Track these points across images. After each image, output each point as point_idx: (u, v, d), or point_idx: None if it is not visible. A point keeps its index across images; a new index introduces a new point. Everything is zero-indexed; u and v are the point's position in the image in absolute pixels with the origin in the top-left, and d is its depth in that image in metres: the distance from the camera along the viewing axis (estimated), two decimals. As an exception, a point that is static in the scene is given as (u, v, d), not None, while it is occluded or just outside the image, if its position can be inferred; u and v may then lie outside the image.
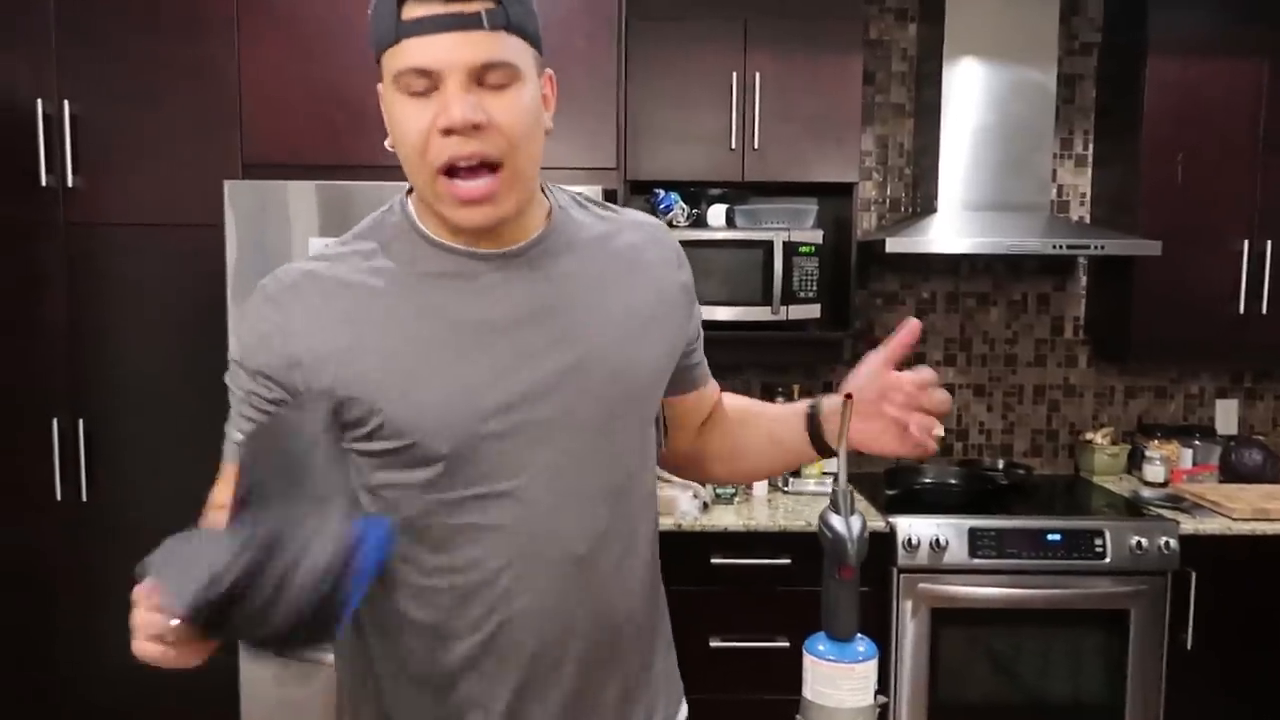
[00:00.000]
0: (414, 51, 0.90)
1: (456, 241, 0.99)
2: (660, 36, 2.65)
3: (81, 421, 2.44)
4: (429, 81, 0.91)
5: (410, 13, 0.90)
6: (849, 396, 1.03)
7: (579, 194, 1.12)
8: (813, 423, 1.14)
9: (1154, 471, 2.92)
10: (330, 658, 1.12)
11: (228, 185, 2.22)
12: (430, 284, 0.99)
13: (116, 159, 2.40)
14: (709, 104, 2.69)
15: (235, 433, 1.05)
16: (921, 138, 3.02)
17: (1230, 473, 2.95)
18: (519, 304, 0.99)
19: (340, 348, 0.97)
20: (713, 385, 1.25)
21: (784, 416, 1.19)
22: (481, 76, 0.91)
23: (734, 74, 2.66)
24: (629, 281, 1.07)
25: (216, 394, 2.18)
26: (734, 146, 2.69)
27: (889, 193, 3.14)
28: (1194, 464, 2.99)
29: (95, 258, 2.42)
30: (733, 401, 1.27)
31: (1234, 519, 2.55)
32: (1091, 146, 3.13)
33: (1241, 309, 2.81)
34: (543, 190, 1.06)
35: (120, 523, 2.47)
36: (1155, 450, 2.96)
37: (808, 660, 0.97)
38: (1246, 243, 2.79)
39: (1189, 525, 2.53)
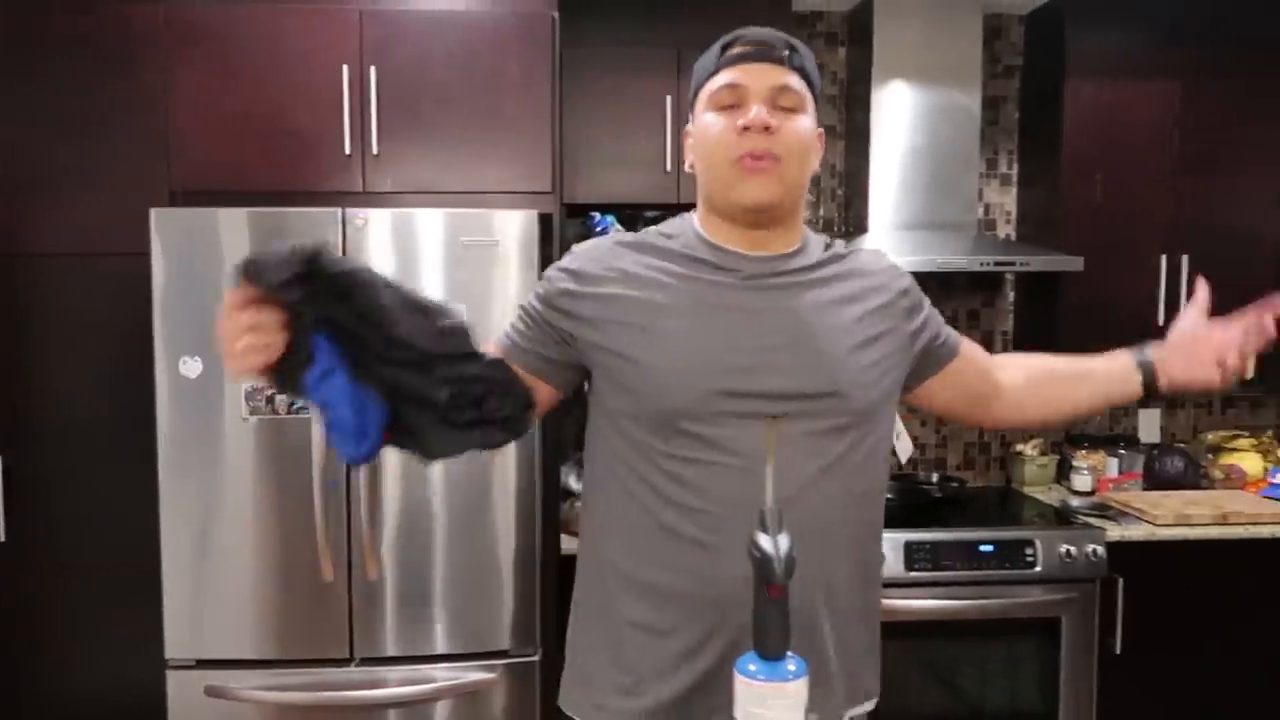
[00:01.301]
0: (730, 75, 1.19)
1: (727, 244, 1.23)
2: (595, 63, 2.67)
3: (1, 458, 2.36)
4: (736, 97, 1.18)
5: (730, 52, 1.20)
6: (774, 416, 1.06)
7: (824, 238, 1.33)
8: (1146, 371, 1.36)
9: (1082, 481, 3.00)
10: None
11: (154, 213, 2.17)
12: (699, 270, 1.22)
13: (40, 187, 2.33)
14: (644, 128, 2.71)
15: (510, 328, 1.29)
16: (852, 159, 3.08)
17: (1154, 480, 3.04)
18: (761, 296, 1.21)
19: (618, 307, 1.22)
20: (967, 352, 1.41)
21: (1106, 372, 1.39)
22: (776, 99, 1.18)
23: (668, 98, 2.69)
24: (870, 301, 1.26)
25: (143, 426, 2.18)
26: (669, 169, 2.71)
27: (822, 213, 3.20)
28: (1120, 472, 3.08)
29: (18, 289, 2.35)
30: (1039, 360, 1.45)
31: (1158, 525, 2.63)
32: (1016, 166, 3.22)
33: (1161, 321, 2.91)
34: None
35: (44, 562, 2.39)
36: (1082, 460, 3.05)
37: (738, 680, 0.98)
38: (1164, 257, 2.89)
39: (1115, 532, 2.60)
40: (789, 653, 0.98)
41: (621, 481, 1.23)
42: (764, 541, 0.98)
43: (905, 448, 2.81)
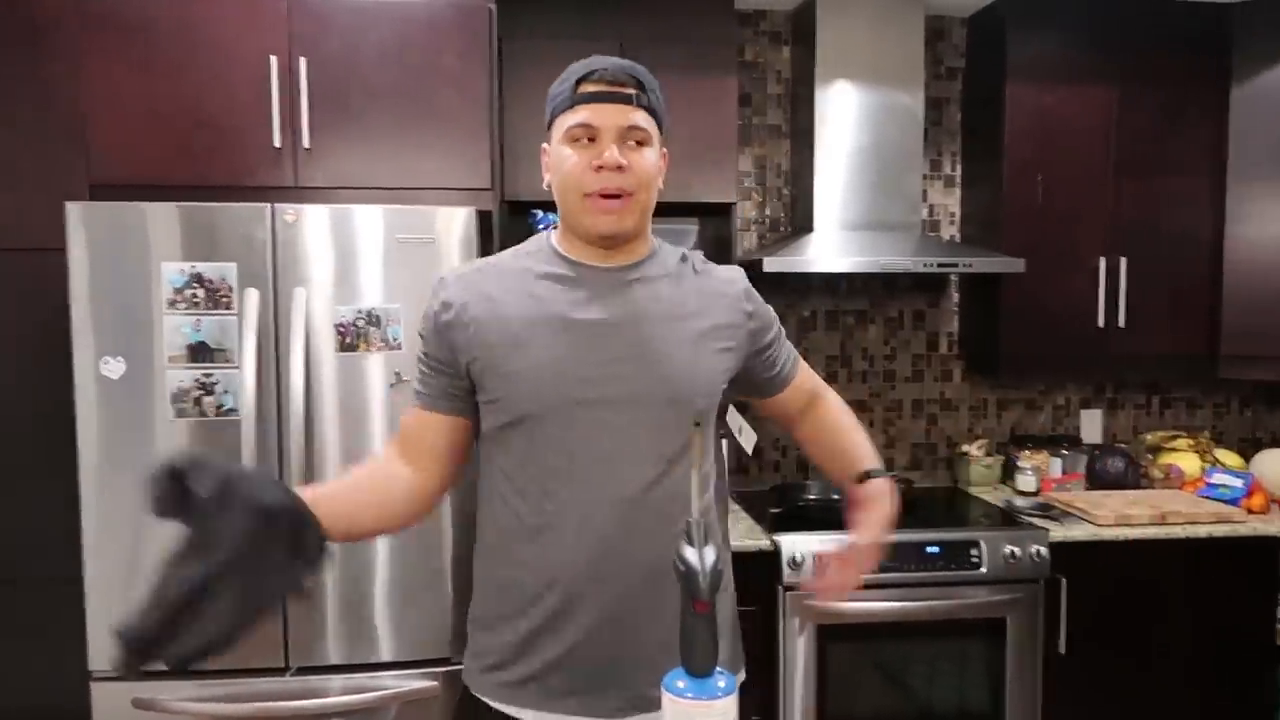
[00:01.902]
0: (584, 113, 1.28)
1: (578, 256, 1.36)
2: (534, 57, 2.62)
3: (-90, 464, 2.25)
4: (589, 134, 1.29)
5: (584, 89, 1.29)
6: (698, 423, 1.04)
7: (685, 250, 1.44)
8: (859, 481, 1.54)
9: (1026, 481, 3.02)
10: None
11: (71, 207, 2.08)
12: (555, 286, 1.34)
13: (-52, 180, 2.23)
14: (587, 124, 2.66)
15: (417, 382, 1.41)
16: (797, 158, 3.07)
17: (1096, 480, 3.07)
18: (608, 310, 1.32)
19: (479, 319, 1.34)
20: (797, 384, 1.56)
21: (851, 461, 1.57)
22: (626, 136, 1.29)
23: (611, 95, 2.65)
24: (706, 305, 1.39)
25: (59, 424, 2.08)
26: (613, 167, 2.67)
27: (768, 212, 3.18)
28: (1063, 473, 3.10)
29: (-75, 286, 2.24)
30: (836, 416, 1.60)
31: (1100, 525, 2.65)
32: (959, 167, 3.24)
33: (1101, 322, 2.94)
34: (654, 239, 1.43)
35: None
36: (1026, 460, 3.07)
37: (666, 699, 0.94)
38: (1103, 259, 2.93)
39: (1058, 533, 2.62)
40: (718, 669, 0.95)
41: (495, 484, 1.37)
42: (689, 555, 0.94)
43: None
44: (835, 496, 2.95)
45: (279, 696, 2.15)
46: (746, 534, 2.57)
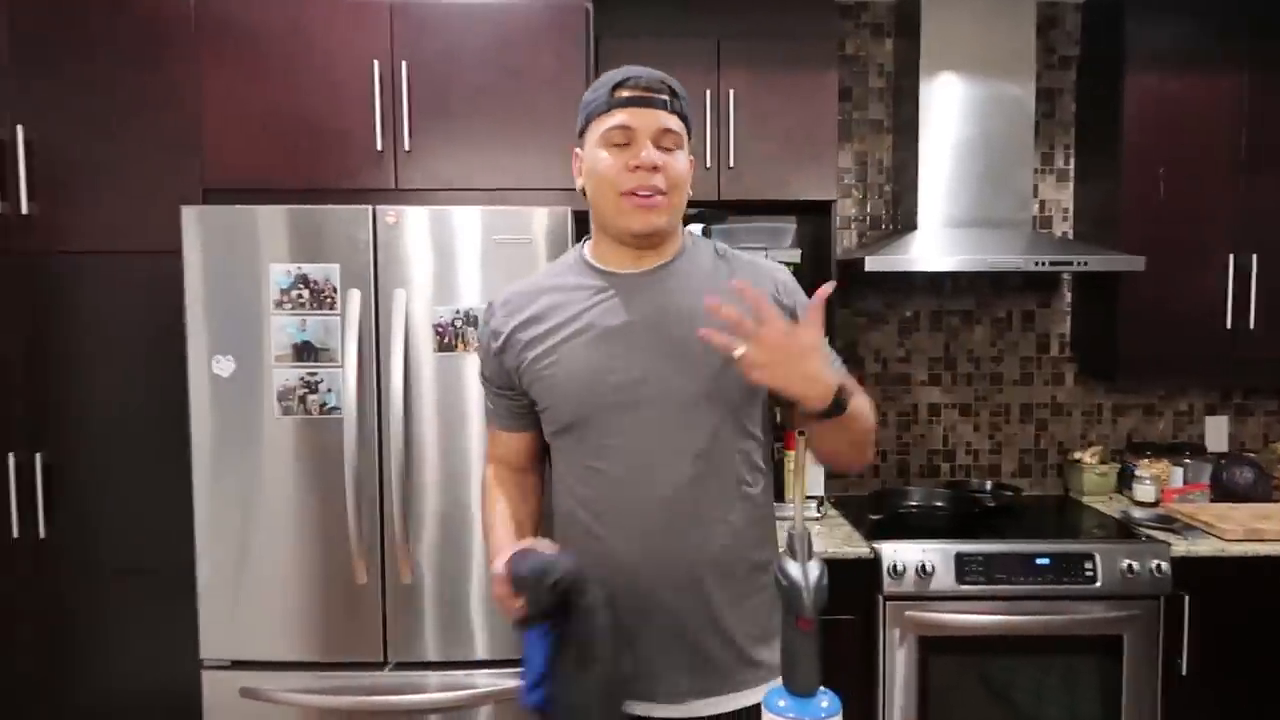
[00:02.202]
0: (621, 116, 1.34)
1: (608, 265, 1.42)
2: (630, 55, 2.56)
3: (39, 455, 2.36)
4: (626, 137, 1.34)
5: (620, 94, 1.35)
6: (802, 432, 0.99)
7: (718, 244, 1.48)
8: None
9: (1144, 491, 2.86)
10: None
11: (187, 211, 2.15)
12: (587, 297, 1.41)
13: (73, 185, 2.34)
14: (683, 123, 2.64)
15: (487, 403, 1.56)
16: (900, 154, 2.97)
17: (1221, 491, 2.89)
18: (638, 313, 1.38)
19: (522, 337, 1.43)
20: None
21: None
22: (660, 140, 1.35)
23: (707, 92, 2.62)
24: (737, 300, 1.32)
25: (178, 423, 2.16)
26: (709, 165, 2.64)
27: (869, 210, 3.09)
28: (1185, 483, 2.93)
29: (52, 286, 2.36)
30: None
31: (1227, 540, 2.49)
32: (1072, 161, 3.09)
33: (1229, 324, 2.77)
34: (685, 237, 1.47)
35: (82, 558, 2.39)
36: (1145, 469, 2.90)
37: (766, 718, 0.90)
38: (1231, 257, 2.75)
39: (1181, 547, 2.47)
40: (821, 688, 0.90)
41: (558, 484, 1.47)
42: (792, 569, 0.89)
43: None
44: (939, 504, 2.86)
45: (378, 691, 2.19)
46: (845, 541, 2.50)
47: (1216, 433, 3.14)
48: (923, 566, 2.40)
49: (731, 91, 2.63)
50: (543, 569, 1.23)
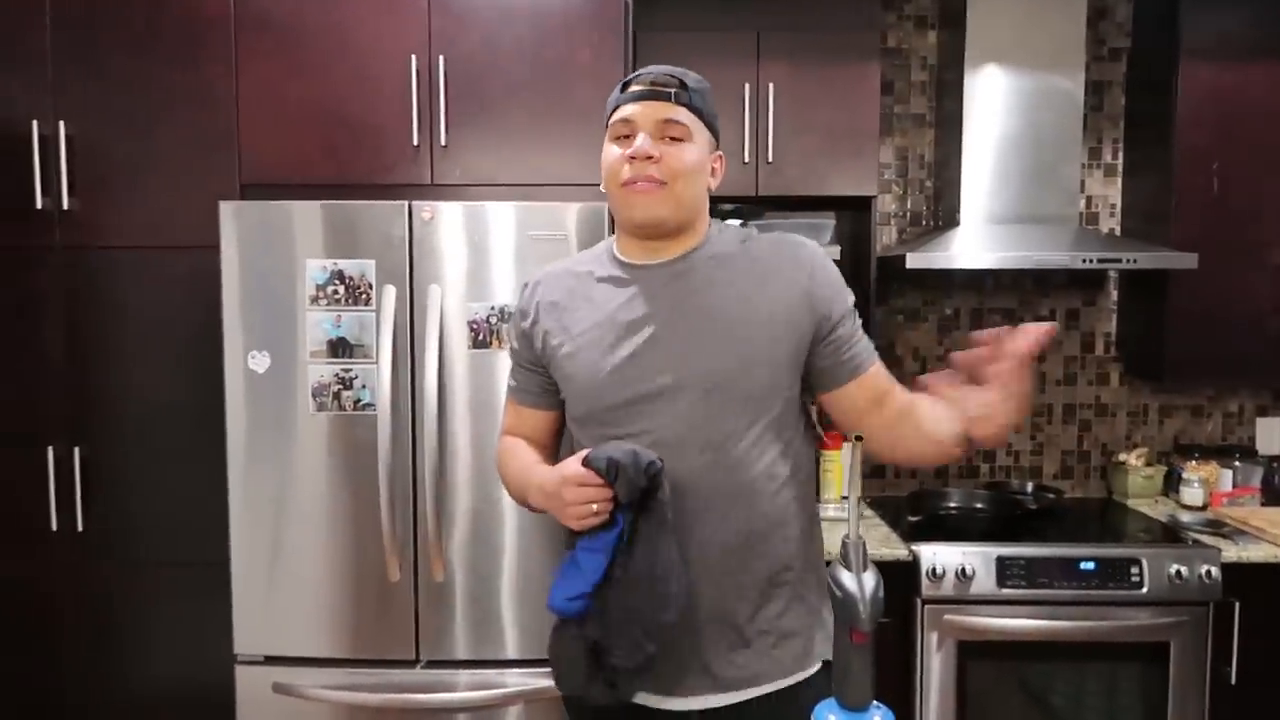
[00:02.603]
0: (624, 110, 1.38)
1: (630, 257, 1.43)
2: (669, 48, 2.56)
3: (78, 449, 2.38)
4: (628, 129, 1.37)
5: (629, 90, 1.39)
6: (859, 438, 0.95)
7: (748, 230, 1.47)
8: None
9: (1192, 494, 2.79)
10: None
11: (224, 206, 2.16)
12: (609, 289, 1.42)
13: (113, 181, 2.35)
14: (721, 116, 2.59)
15: (511, 378, 1.56)
16: (943, 149, 2.91)
17: (1273, 495, 2.80)
18: (657, 305, 1.38)
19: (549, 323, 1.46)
20: (865, 380, 1.42)
21: (940, 415, 1.36)
22: (664, 130, 1.35)
23: (746, 85, 2.58)
24: (757, 288, 1.38)
25: (214, 418, 2.17)
26: (748, 160, 2.60)
27: (909, 206, 3.03)
28: (1234, 486, 2.85)
29: (91, 281, 2.37)
30: (919, 401, 1.41)
31: (1280, 545, 2.42)
32: (1121, 156, 3.01)
33: (1283, 324, 2.68)
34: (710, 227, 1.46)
35: (119, 552, 2.41)
36: (1193, 472, 2.83)
37: (817, 731, 0.87)
38: (1287, 254, 2.66)
39: (1231, 552, 2.40)
40: (874, 703, 0.87)
41: None
42: (846, 580, 0.86)
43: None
44: (978, 506, 2.80)
45: (410, 689, 2.18)
46: (882, 543, 2.46)
47: (1268, 434, 3.05)
48: (962, 570, 2.36)
49: (771, 85, 2.58)
50: (634, 453, 1.25)
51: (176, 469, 2.38)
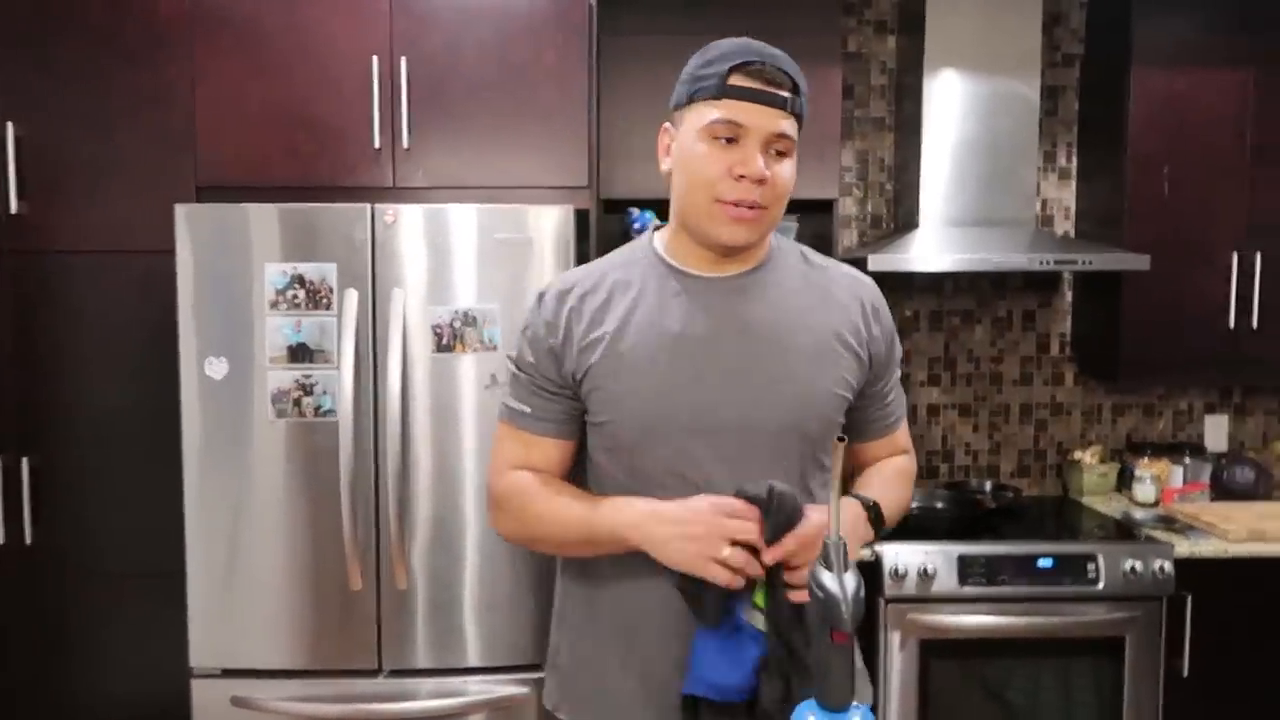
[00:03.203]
0: (732, 110, 1.17)
1: (688, 265, 1.26)
2: (634, 51, 2.57)
3: (26, 459, 2.31)
4: (735, 134, 1.17)
5: (737, 81, 1.17)
6: (842, 439, 0.95)
7: (804, 248, 1.35)
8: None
9: (1144, 491, 2.85)
10: None
11: (180, 209, 2.11)
12: (659, 301, 1.25)
13: (65, 184, 2.28)
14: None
15: (516, 402, 1.32)
16: (902, 152, 2.94)
17: (1221, 491, 2.88)
18: (719, 324, 1.23)
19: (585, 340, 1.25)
20: (892, 439, 1.41)
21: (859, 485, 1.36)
22: (771, 143, 1.18)
23: (709, 89, 2.58)
24: (815, 314, 1.26)
25: (170, 426, 2.12)
26: (710, 163, 2.60)
27: (870, 209, 3.07)
28: (1184, 482, 2.92)
29: (43, 287, 2.30)
30: (890, 463, 1.42)
31: (1230, 540, 2.48)
32: (1075, 159, 3.07)
33: (1231, 323, 2.75)
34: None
35: (71, 564, 2.34)
36: (1145, 469, 2.89)
37: (796, 734, 0.88)
38: (1236, 255, 2.73)
39: (1184, 548, 2.46)
40: (854, 703, 0.88)
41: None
42: (828, 580, 0.87)
43: None
44: (939, 505, 2.84)
45: (372, 699, 2.15)
46: (847, 543, 2.48)
47: (1216, 432, 3.13)
48: (924, 569, 2.39)
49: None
50: (772, 486, 1.10)
51: (131, 478, 2.32)
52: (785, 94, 1.18)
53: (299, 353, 2.12)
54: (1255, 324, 2.74)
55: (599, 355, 1.23)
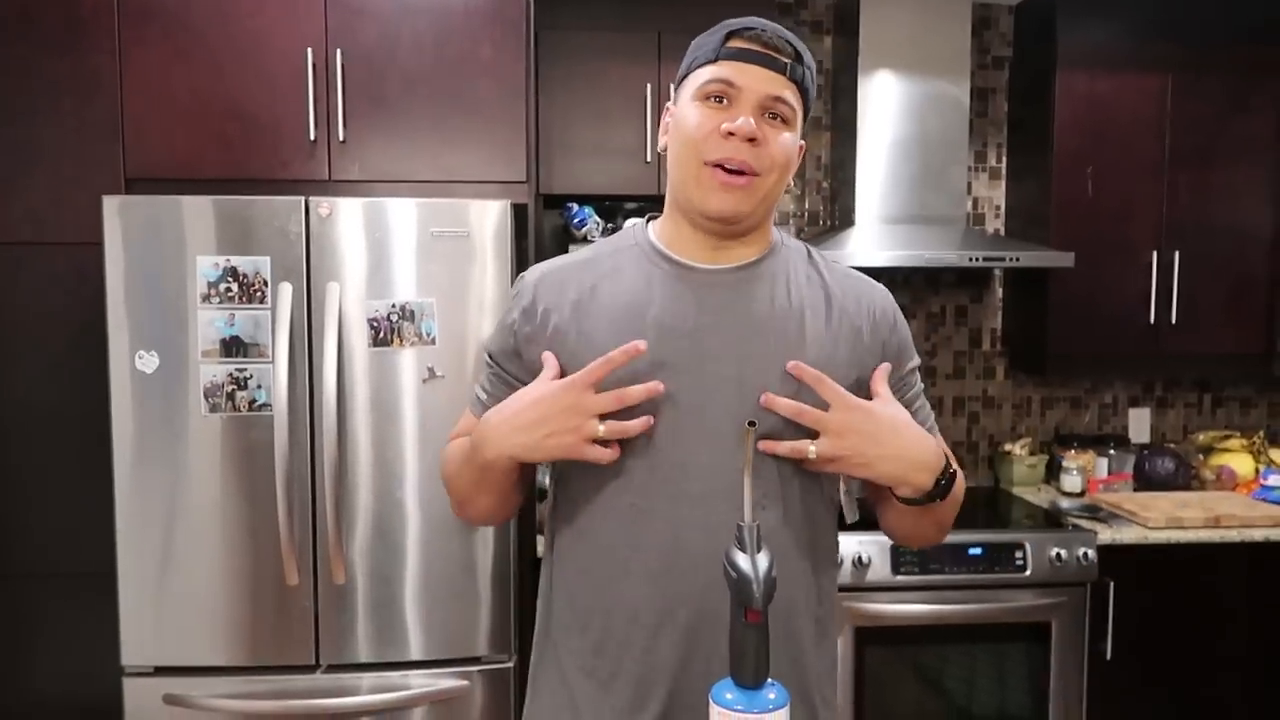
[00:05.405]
0: (726, 70, 1.10)
1: (683, 255, 1.16)
2: (572, 47, 2.58)
3: (-51, 456, 2.25)
4: (727, 93, 1.10)
5: (734, 44, 1.11)
6: (752, 424, 0.97)
7: (812, 247, 1.24)
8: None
9: (1071, 482, 2.94)
10: None
11: (108, 201, 2.07)
12: (650, 292, 1.15)
13: (-13, 173, 2.23)
14: (623, 116, 2.63)
15: (479, 389, 1.25)
16: (838, 151, 3.00)
17: (1144, 481, 2.98)
18: (712, 320, 1.13)
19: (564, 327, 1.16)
20: None
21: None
22: (768, 107, 1.10)
23: (648, 85, 2.61)
24: (815, 315, 1.16)
25: (96, 422, 2.08)
26: (649, 159, 2.63)
27: (807, 206, 3.12)
28: (1109, 473, 3.02)
29: (-37, 279, 2.25)
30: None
31: (1149, 528, 2.57)
32: (1005, 160, 3.16)
33: (1152, 319, 2.85)
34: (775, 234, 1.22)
35: (-7, 565, 2.29)
36: (1072, 460, 2.98)
37: (714, 711, 0.90)
38: (1155, 253, 2.83)
39: (1106, 535, 2.54)
40: (770, 680, 0.90)
41: (573, 509, 1.18)
42: (741, 561, 0.89)
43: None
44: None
45: (310, 694, 2.14)
46: (784, 534, 2.52)
47: (1139, 424, 3.24)
48: (859, 558, 2.44)
49: (673, 85, 2.61)
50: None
51: (59, 475, 2.27)
52: (785, 60, 1.11)
53: (232, 346, 2.09)
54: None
55: (580, 347, 1.13)
